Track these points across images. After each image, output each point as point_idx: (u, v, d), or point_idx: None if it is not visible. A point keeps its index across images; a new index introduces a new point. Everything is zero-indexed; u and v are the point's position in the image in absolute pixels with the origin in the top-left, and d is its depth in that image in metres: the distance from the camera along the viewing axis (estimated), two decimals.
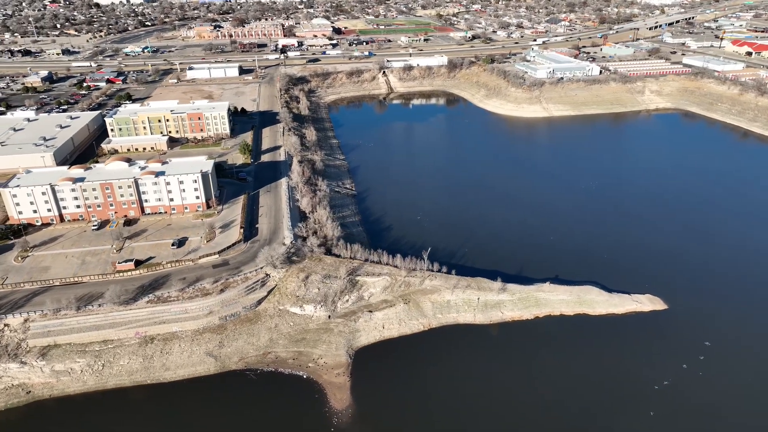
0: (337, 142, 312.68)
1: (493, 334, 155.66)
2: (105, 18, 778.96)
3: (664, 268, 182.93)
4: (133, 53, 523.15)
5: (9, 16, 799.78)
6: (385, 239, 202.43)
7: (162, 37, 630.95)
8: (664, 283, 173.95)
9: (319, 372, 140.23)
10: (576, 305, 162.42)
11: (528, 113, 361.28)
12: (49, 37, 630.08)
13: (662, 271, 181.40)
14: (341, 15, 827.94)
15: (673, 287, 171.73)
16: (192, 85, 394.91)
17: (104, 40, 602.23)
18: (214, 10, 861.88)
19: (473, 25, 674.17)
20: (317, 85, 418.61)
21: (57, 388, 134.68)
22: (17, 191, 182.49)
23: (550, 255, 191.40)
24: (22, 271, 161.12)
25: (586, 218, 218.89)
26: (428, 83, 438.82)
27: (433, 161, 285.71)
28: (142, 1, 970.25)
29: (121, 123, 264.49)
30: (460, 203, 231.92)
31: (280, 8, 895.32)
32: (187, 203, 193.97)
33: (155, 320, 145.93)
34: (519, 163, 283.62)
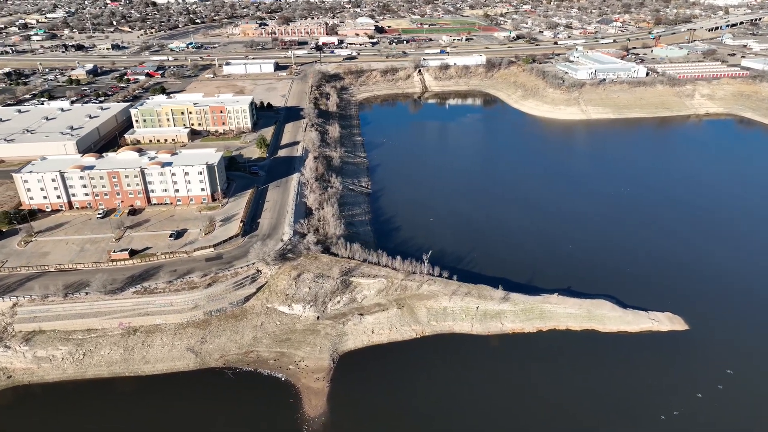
0: (361, 139, 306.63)
1: (491, 347, 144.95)
2: (158, 15, 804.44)
3: (690, 286, 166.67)
4: (178, 49, 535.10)
5: (72, 13, 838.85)
6: (392, 240, 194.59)
7: (208, 34, 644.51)
8: (689, 302, 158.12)
9: (298, 375, 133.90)
10: (584, 320, 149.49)
11: (564, 115, 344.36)
12: (104, 33, 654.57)
13: (688, 289, 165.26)
14: (387, 14, 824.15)
15: (698, 307, 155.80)
16: (226, 80, 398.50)
17: (153, 37, 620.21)
18: (263, 9, 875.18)
19: (519, 25, 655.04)
20: (350, 82, 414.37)
21: (37, 374, 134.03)
22: (28, 177, 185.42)
23: (565, 265, 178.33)
24: (23, 256, 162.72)
25: (611, 227, 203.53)
26: (464, 83, 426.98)
27: (456, 162, 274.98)
28: (196, 0, 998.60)
29: (145, 114, 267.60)
30: (478, 207, 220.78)
31: (327, 7, 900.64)
32: (192, 195, 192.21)
33: (140, 311, 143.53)
34: (548, 166, 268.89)
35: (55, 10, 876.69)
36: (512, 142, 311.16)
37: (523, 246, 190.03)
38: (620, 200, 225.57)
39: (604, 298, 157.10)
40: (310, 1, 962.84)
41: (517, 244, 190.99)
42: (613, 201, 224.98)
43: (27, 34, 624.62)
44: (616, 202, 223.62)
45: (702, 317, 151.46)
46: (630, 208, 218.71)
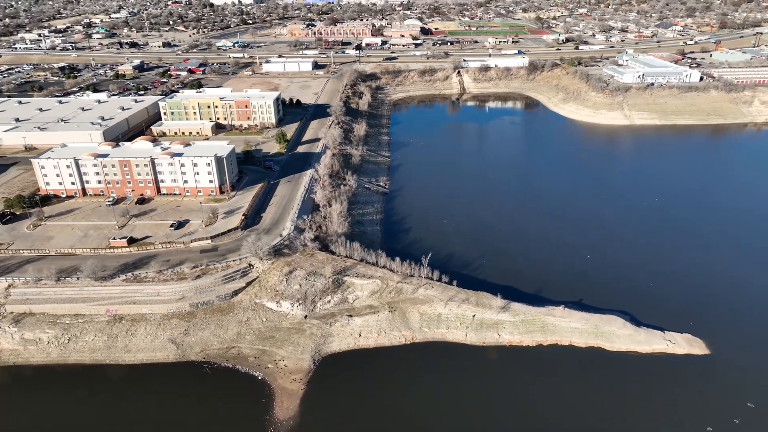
0: (387, 139, 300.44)
1: (484, 358, 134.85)
2: (213, 16, 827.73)
3: (718, 309, 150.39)
4: (225, 47, 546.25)
5: (134, 14, 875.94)
6: (400, 241, 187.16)
7: (257, 34, 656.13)
8: (714, 325, 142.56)
9: (275, 375, 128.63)
10: (590, 336, 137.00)
11: (605, 120, 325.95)
12: (159, 32, 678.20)
13: (716, 311, 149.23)
14: (436, 17, 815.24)
15: (723, 332, 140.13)
16: (263, 77, 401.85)
17: (205, 36, 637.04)
18: (314, 11, 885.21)
19: (571, 29, 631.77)
20: (387, 82, 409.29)
21: (22, 356, 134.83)
22: (45, 163, 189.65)
23: (580, 276, 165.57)
24: (29, 239, 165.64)
25: (638, 239, 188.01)
26: (504, 85, 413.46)
27: (483, 166, 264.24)
28: (252, 1, 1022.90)
29: (173, 107, 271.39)
30: (498, 212, 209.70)
31: (377, 10, 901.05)
32: (200, 186, 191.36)
33: (127, 299, 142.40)
34: (581, 173, 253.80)
35: (120, 11, 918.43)
36: (546, 147, 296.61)
37: (538, 254, 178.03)
38: (654, 211, 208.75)
39: (617, 314, 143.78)
40: (362, 4, 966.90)
41: (532, 253, 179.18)
42: (645, 212, 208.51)
43: (89, 33, 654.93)
44: (649, 213, 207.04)
45: (726, 342, 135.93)
46: (663, 220, 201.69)
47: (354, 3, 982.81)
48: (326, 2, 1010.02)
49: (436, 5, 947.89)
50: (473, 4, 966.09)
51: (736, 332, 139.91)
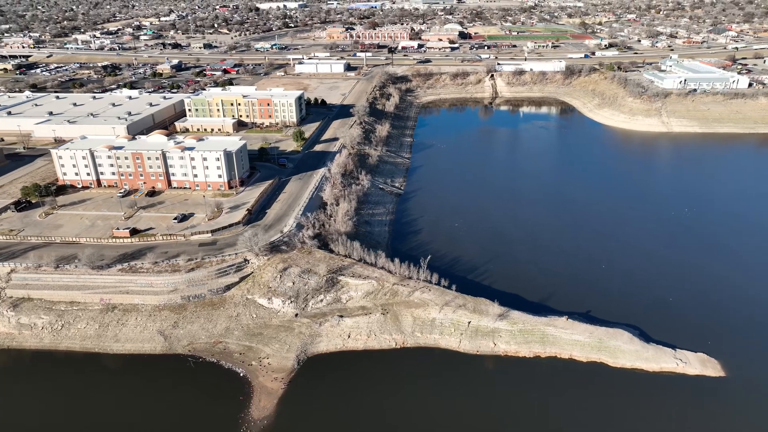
0: (410, 140, 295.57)
1: (477, 368, 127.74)
2: (257, 19, 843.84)
3: (741, 328, 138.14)
4: (263, 49, 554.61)
5: (182, 17, 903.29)
6: (407, 242, 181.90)
7: (296, 36, 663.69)
8: (734, 345, 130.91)
9: (257, 372, 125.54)
10: (593, 350, 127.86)
11: (641, 126, 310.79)
12: (203, 34, 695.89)
13: (736, 330, 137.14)
14: (478, 22, 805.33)
15: (744, 353, 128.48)
16: (293, 78, 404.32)
17: (245, 38, 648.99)
18: (356, 15, 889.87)
19: (616, 34, 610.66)
20: (417, 85, 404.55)
21: (17, 340, 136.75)
22: (63, 154, 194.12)
23: (592, 286, 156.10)
24: (39, 226, 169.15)
25: (659, 250, 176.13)
26: (538, 89, 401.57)
27: (504, 170, 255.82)
28: (296, 6, 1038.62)
29: (197, 104, 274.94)
30: (513, 217, 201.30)
31: (419, 14, 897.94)
32: (210, 181, 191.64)
33: (121, 289, 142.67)
34: (607, 180, 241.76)
35: (170, 15, 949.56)
36: (575, 153, 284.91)
37: (550, 263, 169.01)
38: (681, 223, 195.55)
39: (626, 328, 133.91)
40: (404, 9, 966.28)
41: (543, 261, 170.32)
42: (672, 223, 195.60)
43: (137, 35, 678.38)
44: (676, 225, 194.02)
45: (744, 365, 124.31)
46: (691, 232, 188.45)
47: (396, 8, 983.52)
48: (369, 7, 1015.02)
49: (478, 10, 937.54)
50: (517, 9, 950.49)
51: (756, 355, 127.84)
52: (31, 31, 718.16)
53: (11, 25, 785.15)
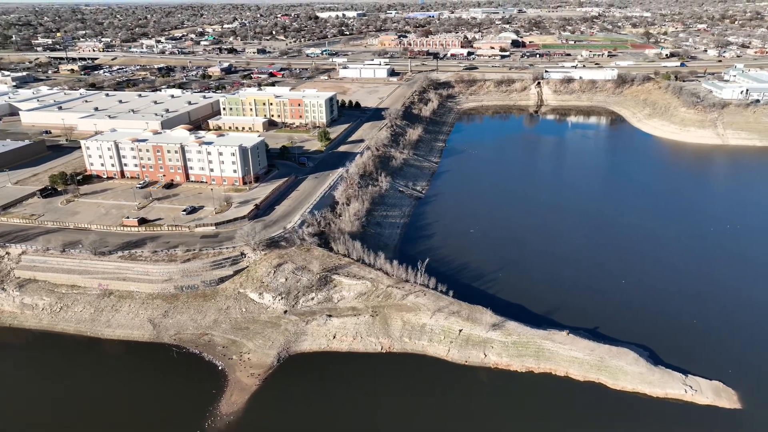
0: (442, 145, 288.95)
1: (463, 379, 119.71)
2: (315, 27, 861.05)
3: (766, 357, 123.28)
4: (313, 54, 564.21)
5: (244, 24, 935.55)
6: (417, 246, 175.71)
7: (349, 43, 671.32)
8: (758, 376, 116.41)
9: (235, 367, 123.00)
10: (591, 369, 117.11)
11: (693, 138, 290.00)
12: (260, 41, 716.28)
13: (764, 360, 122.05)
14: (536, 31, 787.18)
15: (766, 385, 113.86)
16: (335, 82, 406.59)
17: (299, 44, 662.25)
18: (412, 24, 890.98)
19: (680, 44, 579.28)
20: (460, 91, 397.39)
21: (18, 319, 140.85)
22: (90, 145, 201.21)
23: (605, 301, 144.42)
24: (58, 212, 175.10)
25: (689, 267, 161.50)
26: (587, 98, 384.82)
27: (535, 178, 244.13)
28: (355, 15, 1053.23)
29: (231, 103, 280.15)
30: (535, 227, 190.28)
31: (475, 24, 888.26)
32: (225, 175, 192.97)
33: (119, 276, 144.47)
34: (645, 193, 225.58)
35: (233, 23, 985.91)
36: (614, 163, 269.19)
37: (565, 276, 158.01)
38: (719, 240, 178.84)
39: (634, 348, 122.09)
40: (461, 18, 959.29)
41: (559, 273, 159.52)
42: (709, 239, 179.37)
43: (198, 40, 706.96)
44: (713, 242, 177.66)
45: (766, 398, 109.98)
46: (728, 250, 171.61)
47: (453, 17, 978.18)
48: (426, 17, 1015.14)
49: (538, 20, 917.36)
50: (578, 19, 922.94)
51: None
52: (103, 36, 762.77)
53: (87, 30, 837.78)
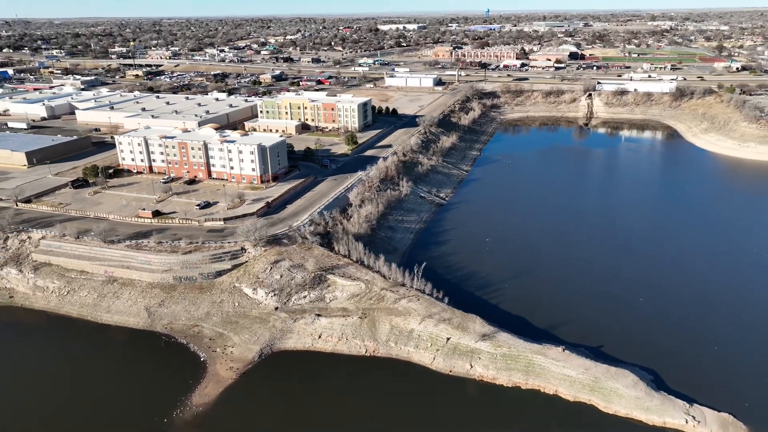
0: (477, 154, 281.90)
1: (442, 389, 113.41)
2: (374, 39, 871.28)
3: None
4: (365, 64, 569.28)
5: (306, 36, 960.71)
6: (428, 251, 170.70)
7: (403, 54, 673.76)
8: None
9: (216, 359, 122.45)
10: (584, 389, 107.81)
11: (752, 154, 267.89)
12: (317, 51, 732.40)
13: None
14: (599, 44, 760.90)
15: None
16: (378, 90, 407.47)
17: (355, 54, 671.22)
18: (470, 36, 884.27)
19: (756, 57, 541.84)
20: (506, 101, 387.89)
21: (29, 299, 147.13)
22: (123, 140, 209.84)
23: (615, 320, 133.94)
24: (83, 202, 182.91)
25: (716, 292, 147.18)
26: (640, 111, 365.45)
27: (568, 191, 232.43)
28: (415, 27, 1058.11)
29: (268, 106, 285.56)
30: (556, 240, 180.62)
31: (536, 36, 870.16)
32: (244, 174, 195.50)
33: (123, 264, 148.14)
34: (682, 210, 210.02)
35: (297, 34, 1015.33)
36: (657, 179, 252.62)
37: (576, 290, 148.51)
38: (762, 263, 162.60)
39: (635, 370, 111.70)
40: (522, 31, 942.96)
41: (572, 289, 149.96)
42: (750, 262, 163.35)
43: (258, 49, 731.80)
44: (757, 266, 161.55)
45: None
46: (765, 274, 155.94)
47: (515, 30, 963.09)
48: (487, 29, 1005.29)
49: (603, 33, 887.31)
50: (647, 32, 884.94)
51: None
52: (173, 45, 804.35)
53: (160, 40, 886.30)
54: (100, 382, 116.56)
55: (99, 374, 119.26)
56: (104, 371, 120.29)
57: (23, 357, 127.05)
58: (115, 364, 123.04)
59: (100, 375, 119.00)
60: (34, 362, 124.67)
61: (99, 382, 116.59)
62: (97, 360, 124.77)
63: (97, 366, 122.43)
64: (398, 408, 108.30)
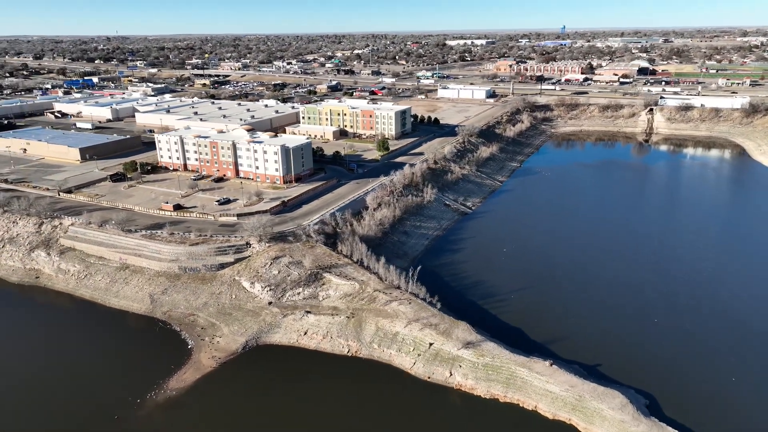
0: (516, 166, 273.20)
1: (417, 395, 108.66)
2: (439, 53, 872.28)
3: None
4: (423, 77, 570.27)
5: (374, 51, 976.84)
6: (440, 258, 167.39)
7: (465, 68, 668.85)
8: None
9: (203, 348, 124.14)
10: (565, 407, 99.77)
11: None
12: (381, 65, 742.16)
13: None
14: (675, 60, 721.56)
15: None
16: (429, 101, 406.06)
17: (415, 68, 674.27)
18: (538, 51, 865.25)
19: None
20: (559, 114, 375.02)
21: (52, 281, 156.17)
22: (161, 138, 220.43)
23: (621, 340, 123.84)
24: (116, 195, 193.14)
25: (749, 324, 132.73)
26: (706, 127, 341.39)
27: (604, 206, 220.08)
28: (483, 43, 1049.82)
29: (310, 112, 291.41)
30: (578, 256, 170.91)
31: (608, 52, 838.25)
32: (268, 173, 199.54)
33: (136, 252, 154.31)
34: (725, 233, 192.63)
35: (365, 48, 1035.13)
36: (707, 199, 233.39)
37: (586, 307, 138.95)
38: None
39: (627, 391, 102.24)
40: (593, 46, 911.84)
41: (578, 305, 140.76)
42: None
43: (324, 63, 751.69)
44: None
45: None
46: None
47: (587, 45, 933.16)
48: (558, 44, 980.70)
49: (682, 49, 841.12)
50: (733, 48, 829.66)
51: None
52: (245, 58, 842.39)
53: (234, 53, 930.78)
54: (89, 360, 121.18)
55: (90, 352, 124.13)
56: (95, 350, 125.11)
57: (30, 332, 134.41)
58: (108, 345, 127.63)
59: (90, 353, 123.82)
60: (39, 337, 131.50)
61: (87, 360, 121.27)
62: (93, 339, 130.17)
63: (92, 345, 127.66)
64: (368, 411, 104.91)
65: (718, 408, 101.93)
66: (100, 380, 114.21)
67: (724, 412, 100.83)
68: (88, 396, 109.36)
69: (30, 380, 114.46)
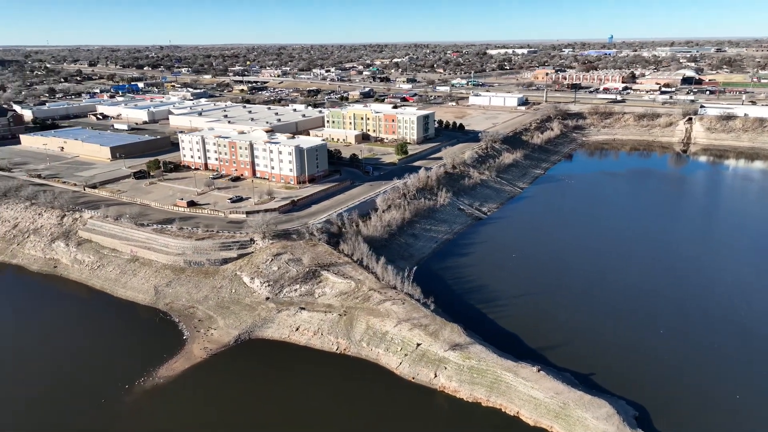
0: (540, 173, 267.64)
1: (400, 396, 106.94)
2: (478, 62, 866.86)
3: None
4: (458, 85, 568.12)
5: (413, 59, 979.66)
6: (446, 261, 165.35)
7: (502, 77, 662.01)
8: None
9: (196, 339, 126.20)
10: (548, 414, 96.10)
11: None
12: (417, 73, 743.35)
13: None
14: (725, 69, 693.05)
15: None
16: (459, 108, 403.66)
17: (450, 76, 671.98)
18: (581, 60, 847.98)
19: None
20: (592, 123, 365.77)
21: (68, 270, 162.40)
22: (184, 138, 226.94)
23: (622, 350, 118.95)
24: (136, 191, 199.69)
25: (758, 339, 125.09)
26: (749, 138, 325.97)
27: (628, 218, 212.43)
28: (524, 52, 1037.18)
29: (334, 116, 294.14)
30: (587, 265, 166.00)
31: (654, 61, 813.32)
32: (282, 174, 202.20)
33: (146, 245, 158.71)
34: (753, 248, 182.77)
35: (404, 57, 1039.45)
36: (730, 213, 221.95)
37: (590, 316, 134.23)
38: None
39: (617, 402, 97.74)
40: (639, 55, 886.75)
41: (583, 313, 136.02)
42: None
43: (362, 71, 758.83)
44: None
45: None
46: None
47: (632, 55, 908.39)
48: (601, 54, 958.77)
49: (735, 59, 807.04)
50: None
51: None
52: (286, 65, 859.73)
53: (275, 61, 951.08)
54: (88, 347, 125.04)
55: (90, 340, 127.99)
56: (96, 338, 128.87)
57: (41, 318, 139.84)
58: (108, 333, 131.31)
59: (90, 340, 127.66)
60: (48, 322, 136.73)
61: (87, 346, 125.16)
62: (96, 327, 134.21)
63: (94, 332, 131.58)
64: (349, 409, 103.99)
65: (714, 427, 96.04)
66: (96, 366, 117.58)
67: (719, 428, 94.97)
68: (80, 380, 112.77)
69: (29, 364, 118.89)
